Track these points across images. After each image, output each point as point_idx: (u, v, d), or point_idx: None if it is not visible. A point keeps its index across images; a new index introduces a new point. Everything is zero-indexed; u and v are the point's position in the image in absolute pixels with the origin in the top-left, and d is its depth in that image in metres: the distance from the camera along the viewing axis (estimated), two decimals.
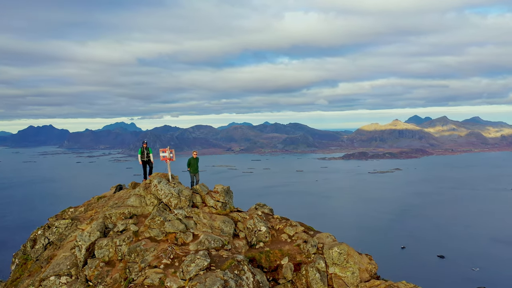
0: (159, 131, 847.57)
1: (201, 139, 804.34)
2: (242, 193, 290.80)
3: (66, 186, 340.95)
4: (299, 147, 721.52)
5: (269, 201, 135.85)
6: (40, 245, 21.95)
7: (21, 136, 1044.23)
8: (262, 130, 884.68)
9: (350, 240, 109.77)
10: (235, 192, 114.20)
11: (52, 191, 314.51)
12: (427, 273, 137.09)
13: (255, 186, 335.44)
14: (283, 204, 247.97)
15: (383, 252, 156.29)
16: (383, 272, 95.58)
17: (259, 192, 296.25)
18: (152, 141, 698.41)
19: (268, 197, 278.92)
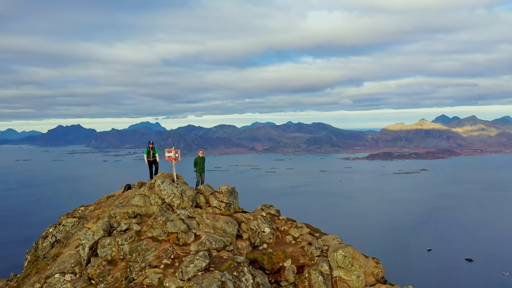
0: (183, 130, 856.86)
1: (224, 138, 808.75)
2: (265, 192, 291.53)
3: (92, 184, 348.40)
4: (322, 147, 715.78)
5: (291, 201, 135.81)
6: (47, 242, 22.34)
7: (51, 135, 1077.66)
8: (285, 130, 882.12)
9: (373, 242, 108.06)
10: (257, 191, 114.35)
11: (79, 189, 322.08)
12: (454, 276, 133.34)
13: (278, 186, 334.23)
14: (305, 204, 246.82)
15: (409, 254, 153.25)
16: (408, 274, 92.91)
17: (281, 192, 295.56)
18: (177, 141, 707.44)
19: (290, 197, 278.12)
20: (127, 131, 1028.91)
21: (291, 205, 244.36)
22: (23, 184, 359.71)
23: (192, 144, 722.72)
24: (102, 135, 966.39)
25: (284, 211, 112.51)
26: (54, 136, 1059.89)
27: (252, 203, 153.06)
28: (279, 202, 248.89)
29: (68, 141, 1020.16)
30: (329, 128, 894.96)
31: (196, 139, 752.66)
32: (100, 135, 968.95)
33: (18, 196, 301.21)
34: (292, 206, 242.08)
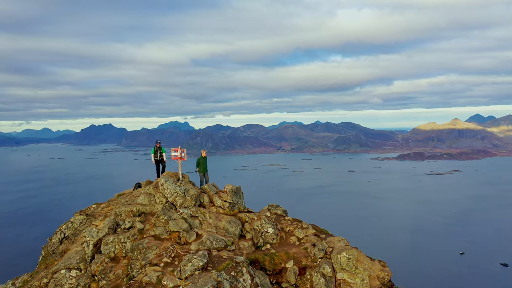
0: (211, 130, 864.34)
1: (252, 138, 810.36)
2: (293, 192, 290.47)
3: (123, 182, 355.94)
4: (351, 147, 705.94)
5: (318, 201, 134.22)
6: (56, 239, 23.04)
7: (84, 134, 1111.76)
8: (313, 129, 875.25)
9: (402, 244, 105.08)
10: (284, 191, 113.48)
11: (111, 187, 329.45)
12: (488, 281, 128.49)
13: (305, 185, 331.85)
14: (332, 205, 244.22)
15: (440, 257, 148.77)
16: (440, 278, 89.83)
17: (309, 192, 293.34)
18: (205, 140, 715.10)
19: (317, 197, 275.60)
20: (156, 130, 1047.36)
21: (318, 205, 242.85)
22: (58, 182, 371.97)
23: (220, 144, 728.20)
24: (132, 134, 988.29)
25: (310, 211, 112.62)
26: (86, 135, 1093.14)
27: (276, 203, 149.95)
28: (306, 202, 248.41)
29: (100, 140, 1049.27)
30: (358, 127, 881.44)
31: (224, 139, 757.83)
32: (131, 134, 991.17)
33: (53, 193, 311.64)
34: (319, 206, 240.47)
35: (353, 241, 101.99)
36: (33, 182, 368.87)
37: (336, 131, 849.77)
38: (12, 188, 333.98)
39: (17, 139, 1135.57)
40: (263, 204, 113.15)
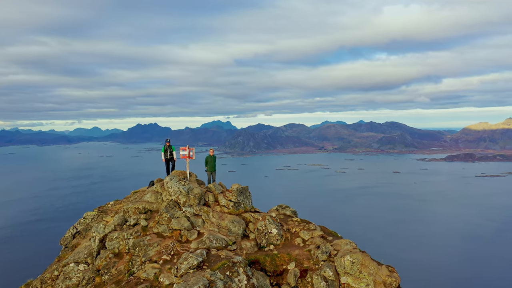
0: (253, 129, 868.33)
1: (293, 137, 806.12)
2: (334, 193, 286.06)
3: None
4: (396, 147, 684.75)
5: (360, 202, 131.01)
6: (69, 234, 23.88)
7: (130, 133, 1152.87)
8: (357, 129, 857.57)
9: (448, 249, 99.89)
10: (325, 191, 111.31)
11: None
12: None
13: (348, 186, 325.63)
14: (374, 206, 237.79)
15: (490, 263, 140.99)
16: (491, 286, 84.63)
17: (351, 193, 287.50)
18: (246, 139, 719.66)
19: (360, 197, 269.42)
20: (199, 129, 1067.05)
21: (359, 207, 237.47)
22: (107, 179, 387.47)
23: (261, 143, 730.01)
24: (176, 133, 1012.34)
25: (351, 212, 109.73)
26: (133, 134, 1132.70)
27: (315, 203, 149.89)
28: (348, 203, 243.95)
29: (145, 138, 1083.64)
30: (404, 127, 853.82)
31: (266, 138, 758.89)
32: (175, 133, 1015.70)
33: (102, 189, 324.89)
34: (361, 207, 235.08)
35: (393, 245, 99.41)
36: (83, 178, 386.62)
37: (381, 131, 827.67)
38: (64, 184, 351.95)
39: (69, 138, 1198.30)
40: (300, 204, 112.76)
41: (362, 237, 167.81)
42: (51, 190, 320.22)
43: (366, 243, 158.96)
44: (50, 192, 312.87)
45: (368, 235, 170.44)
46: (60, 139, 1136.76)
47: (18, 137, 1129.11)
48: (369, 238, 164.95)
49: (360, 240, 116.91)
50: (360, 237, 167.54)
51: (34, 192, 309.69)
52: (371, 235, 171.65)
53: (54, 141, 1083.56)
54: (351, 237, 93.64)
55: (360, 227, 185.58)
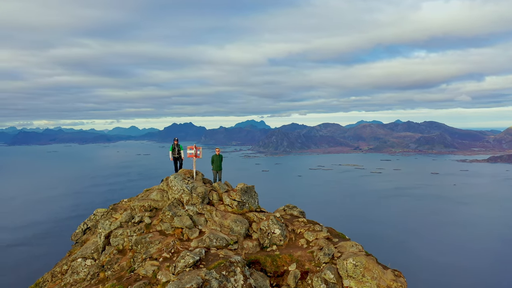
0: (287, 129, 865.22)
1: (327, 137, 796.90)
2: (369, 193, 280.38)
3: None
4: (434, 148, 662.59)
5: (395, 204, 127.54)
6: (79, 229, 24.48)
7: (166, 132, 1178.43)
8: (393, 129, 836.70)
9: (487, 254, 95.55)
10: (359, 192, 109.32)
11: None
12: None
13: (383, 187, 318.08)
14: (410, 208, 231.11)
15: None
16: None
17: (386, 194, 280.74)
18: (280, 139, 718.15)
19: (395, 199, 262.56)
20: (233, 129, 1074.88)
21: (394, 208, 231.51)
22: (143, 177, 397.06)
23: (295, 143, 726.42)
24: (211, 133, 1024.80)
25: (385, 213, 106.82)
26: (169, 133, 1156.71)
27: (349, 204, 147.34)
28: (382, 204, 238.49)
29: (181, 137, 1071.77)
30: (443, 127, 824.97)
31: (299, 138, 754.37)
32: (209, 133, 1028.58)
33: (137, 187, 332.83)
34: (395, 209, 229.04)
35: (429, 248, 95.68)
36: (121, 176, 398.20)
37: (419, 130, 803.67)
38: (103, 181, 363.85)
39: (108, 136, 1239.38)
40: (332, 204, 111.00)
41: (395, 240, 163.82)
42: (90, 187, 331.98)
43: (399, 246, 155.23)
44: (90, 189, 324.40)
45: (400, 237, 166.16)
46: (99, 138, 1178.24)
47: (61, 136, 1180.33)
48: (401, 241, 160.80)
49: (392, 243, 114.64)
50: (392, 239, 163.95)
51: (75, 189, 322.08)
52: (403, 237, 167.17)
53: (94, 140, 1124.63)
54: (382, 240, 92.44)
55: (393, 229, 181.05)
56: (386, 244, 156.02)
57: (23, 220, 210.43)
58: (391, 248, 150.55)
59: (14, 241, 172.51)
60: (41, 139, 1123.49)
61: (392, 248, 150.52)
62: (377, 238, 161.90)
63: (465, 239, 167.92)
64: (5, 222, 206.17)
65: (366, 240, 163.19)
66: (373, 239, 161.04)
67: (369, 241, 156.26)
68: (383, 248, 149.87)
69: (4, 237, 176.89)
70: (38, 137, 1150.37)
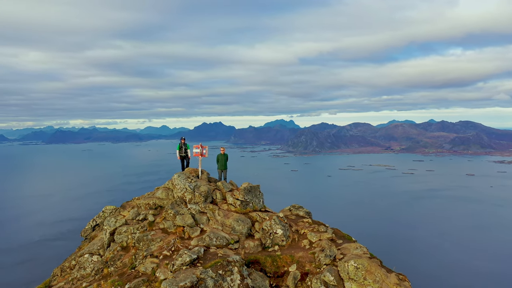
0: (316, 128, 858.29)
1: (358, 137, 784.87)
2: (400, 195, 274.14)
3: (232, 177, 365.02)
4: (470, 148, 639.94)
5: (427, 205, 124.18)
6: (89, 226, 24.75)
7: (196, 131, 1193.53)
8: (426, 129, 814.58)
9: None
10: (390, 193, 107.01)
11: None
12: None
13: (414, 188, 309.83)
14: (442, 210, 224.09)
15: None
16: None
17: (418, 195, 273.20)
18: (309, 139, 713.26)
19: (427, 200, 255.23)
20: (263, 128, 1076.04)
21: (425, 210, 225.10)
22: (172, 175, 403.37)
23: (325, 142, 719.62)
24: (240, 132, 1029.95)
25: (416, 215, 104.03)
26: (199, 132, 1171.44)
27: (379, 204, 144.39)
28: (413, 205, 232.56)
29: (210, 137, 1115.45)
30: (480, 127, 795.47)
31: (329, 137, 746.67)
32: (239, 132, 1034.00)
33: None
34: (427, 211, 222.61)
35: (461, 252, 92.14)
36: (152, 174, 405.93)
37: (453, 130, 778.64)
38: (135, 179, 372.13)
39: (140, 135, 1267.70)
40: (362, 205, 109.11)
41: (427, 243, 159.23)
42: (123, 185, 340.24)
43: (431, 249, 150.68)
44: (122, 186, 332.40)
45: (433, 241, 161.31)
46: (132, 137, 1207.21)
47: (96, 135, 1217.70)
48: (435, 245, 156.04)
49: (424, 246, 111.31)
50: (425, 242, 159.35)
51: (108, 186, 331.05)
52: (437, 241, 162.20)
53: (127, 139, 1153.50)
54: (412, 243, 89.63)
55: (424, 231, 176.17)
56: (417, 247, 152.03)
57: (60, 216, 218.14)
58: (423, 251, 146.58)
59: (52, 235, 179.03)
60: (77, 138, 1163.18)
61: (423, 251, 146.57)
62: (407, 241, 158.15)
63: (501, 244, 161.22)
64: (43, 218, 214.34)
65: (393, 242, 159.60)
66: (402, 241, 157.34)
67: (397, 244, 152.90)
68: (413, 251, 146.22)
69: (43, 232, 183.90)
70: (73, 136, 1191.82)
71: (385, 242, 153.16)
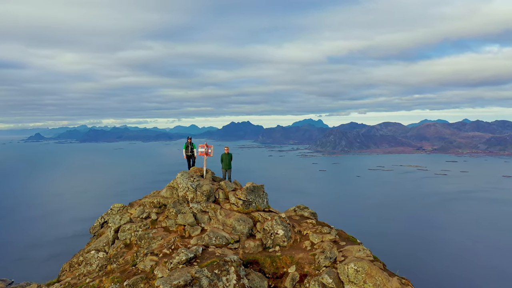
0: (345, 128, 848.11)
1: (388, 136, 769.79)
2: (430, 196, 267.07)
3: (259, 176, 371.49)
4: (507, 149, 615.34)
5: (458, 208, 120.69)
6: (97, 223, 25.94)
7: (225, 131, 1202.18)
8: (460, 128, 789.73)
9: None
10: (420, 194, 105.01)
11: (248, 181, 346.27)
12: None
13: (446, 189, 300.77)
14: (475, 213, 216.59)
15: None
16: None
17: (450, 197, 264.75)
18: (338, 138, 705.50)
19: (459, 202, 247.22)
20: (291, 127, 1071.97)
21: (458, 212, 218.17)
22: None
23: (354, 142, 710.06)
24: (268, 131, 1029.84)
25: (449, 217, 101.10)
26: (227, 132, 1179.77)
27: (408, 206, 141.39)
28: (444, 207, 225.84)
29: (238, 136, 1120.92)
30: None
31: (358, 137, 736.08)
32: (267, 131, 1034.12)
33: None
34: (460, 212, 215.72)
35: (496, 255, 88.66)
36: None
37: (489, 130, 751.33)
38: (165, 178, 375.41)
39: (169, 135, 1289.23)
40: (392, 206, 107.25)
41: (460, 246, 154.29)
42: (154, 183, 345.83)
43: (463, 252, 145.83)
44: (153, 184, 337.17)
45: (467, 244, 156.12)
46: (161, 136, 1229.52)
47: (127, 134, 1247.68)
48: (468, 248, 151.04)
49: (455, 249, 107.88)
50: (456, 245, 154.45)
51: (139, 184, 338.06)
52: (470, 244, 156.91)
53: (156, 138, 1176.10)
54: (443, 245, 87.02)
55: (456, 233, 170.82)
56: (448, 249, 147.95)
57: (92, 213, 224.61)
58: (454, 254, 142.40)
59: (84, 231, 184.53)
60: (109, 137, 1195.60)
61: (455, 254, 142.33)
62: (438, 243, 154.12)
63: None
64: (77, 214, 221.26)
65: (421, 245, 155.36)
66: (431, 243, 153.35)
67: (425, 246, 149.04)
68: (444, 253, 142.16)
69: (76, 228, 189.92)
70: (106, 135, 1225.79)
71: (415, 244, 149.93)
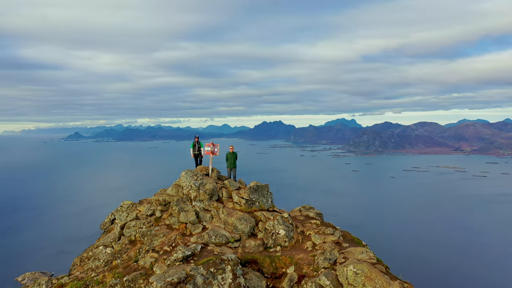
0: (379, 127, 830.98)
1: (424, 137, 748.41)
2: (468, 198, 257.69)
3: (291, 176, 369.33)
4: None
5: (496, 211, 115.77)
6: (107, 219, 26.33)
7: (256, 130, 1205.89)
8: (502, 129, 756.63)
9: None
10: (457, 196, 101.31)
11: (279, 180, 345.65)
12: None
13: (485, 192, 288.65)
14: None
15: None
16: None
17: (488, 199, 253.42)
18: (372, 138, 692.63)
19: (498, 206, 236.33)
20: (323, 127, 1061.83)
21: (497, 215, 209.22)
22: None
23: (388, 142, 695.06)
24: (300, 131, 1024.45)
25: (487, 220, 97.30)
26: (259, 131, 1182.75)
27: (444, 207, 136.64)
28: (481, 210, 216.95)
29: (270, 136, 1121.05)
30: None
31: (393, 137, 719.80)
32: (299, 131, 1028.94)
33: None
34: (500, 216, 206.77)
35: None
36: None
37: None
38: None
39: (202, 134, 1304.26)
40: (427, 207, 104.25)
41: (500, 251, 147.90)
42: None
43: (503, 258, 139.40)
44: None
45: (508, 250, 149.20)
46: (194, 135, 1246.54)
47: (161, 133, 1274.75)
48: (509, 254, 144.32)
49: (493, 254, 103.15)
50: (493, 249, 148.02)
51: (168, 182, 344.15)
52: (510, 249, 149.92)
53: (190, 137, 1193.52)
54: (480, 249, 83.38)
55: (494, 239, 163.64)
56: (486, 255, 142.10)
57: None
58: (492, 260, 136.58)
59: None
60: (143, 136, 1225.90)
61: (493, 261, 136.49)
62: (475, 248, 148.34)
63: None
64: (111, 211, 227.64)
65: (456, 250, 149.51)
66: (468, 248, 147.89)
67: (461, 251, 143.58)
68: (482, 259, 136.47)
69: None
70: (141, 134, 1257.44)
71: (450, 250, 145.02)
